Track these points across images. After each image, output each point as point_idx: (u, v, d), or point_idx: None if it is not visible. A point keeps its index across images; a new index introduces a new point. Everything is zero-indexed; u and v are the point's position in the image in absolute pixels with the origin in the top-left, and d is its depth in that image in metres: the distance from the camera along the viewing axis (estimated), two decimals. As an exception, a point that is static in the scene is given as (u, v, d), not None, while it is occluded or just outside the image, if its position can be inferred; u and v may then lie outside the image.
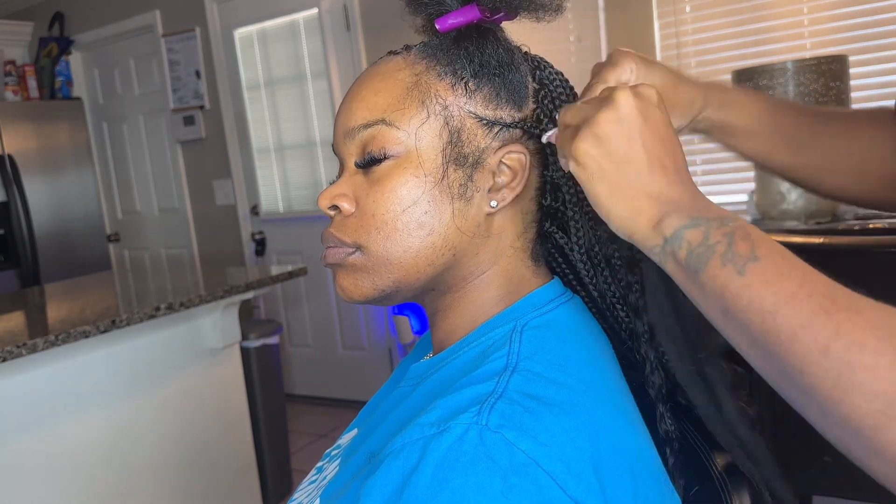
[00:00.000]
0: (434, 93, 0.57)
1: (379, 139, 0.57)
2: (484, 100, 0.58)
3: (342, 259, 0.59)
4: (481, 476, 0.45)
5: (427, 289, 0.60)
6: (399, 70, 0.59)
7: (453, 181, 0.57)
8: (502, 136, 0.58)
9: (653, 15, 2.66)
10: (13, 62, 4.09)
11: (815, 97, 1.93)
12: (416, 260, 0.57)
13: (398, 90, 0.58)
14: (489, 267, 0.60)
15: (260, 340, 2.41)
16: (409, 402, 0.59)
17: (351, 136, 0.59)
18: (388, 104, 0.57)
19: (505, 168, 0.58)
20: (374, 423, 0.64)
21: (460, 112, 0.57)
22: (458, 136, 0.57)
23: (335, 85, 3.26)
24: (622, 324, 0.63)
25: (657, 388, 0.60)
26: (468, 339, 0.60)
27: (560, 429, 0.48)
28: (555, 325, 0.57)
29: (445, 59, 0.58)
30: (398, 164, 0.57)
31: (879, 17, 2.30)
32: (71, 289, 2.49)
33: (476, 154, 0.58)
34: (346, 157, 0.60)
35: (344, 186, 0.59)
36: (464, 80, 0.58)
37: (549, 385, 0.51)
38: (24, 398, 1.70)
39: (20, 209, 3.74)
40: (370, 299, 0.60)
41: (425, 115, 0.57)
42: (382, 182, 0.57)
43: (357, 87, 0.60)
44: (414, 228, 0.57)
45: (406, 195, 0.57)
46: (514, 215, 0.60)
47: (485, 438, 0.47)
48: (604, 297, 0.63)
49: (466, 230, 0.58)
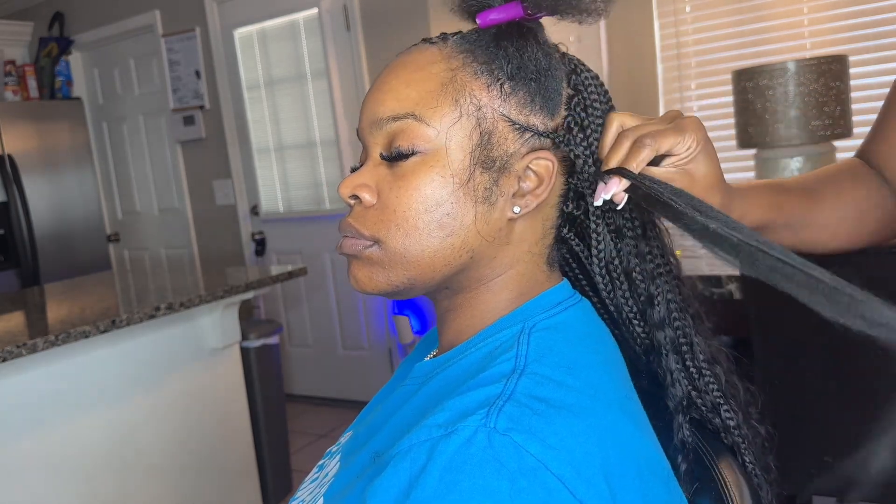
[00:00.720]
0: (469, 91, 0.56)
1: (408, 133, 0.56)
2: (518, 104, 0.57)
3: (359, 251, 0.58)
4: (489, 479, 0.45)
5: (441, 287, 0.60)
6: (434, 62, 0.57)
7: (479, 184, 0.56)
8: (532, 143, 0.57)
9: (653, 15, 2.66)
10: (13, 62, 4.09)
11: (815, 97, 1.93)
12: (433, 260, 0.56)
13: (432, 84, 0.56)
14: (505, 270, 0.59)
15: (260, 340, 2.41)
16: (415, 401, 0.59)
17: (378, 126, 0.57)
18: (420, 98, 0.56)
19: (531, 174, 0.57)
20: (378, 422, 0.63)
21: (493, 114, 0.56)
22: (488, 138, 0.56)
23: (335, 85, 3.26)
24: (637, 338, 0.62)
25: (678, 400, 0.60)
26: (475, 339, 0.59)
27: (569, 432, 0.48)
28: (563, 328, 0.57)
29: (483, 57, 0.57)
30: (425, 162, 0.56)
31: (879, 17, 2.31)
32: (71, 289, 2.49)
33: (504, 158, 0.56)
34: (372, 146, 0.59)
35: (367, 176, 0.58)
36: (500, 81, 0.56)
37: (558, 388, 0.51)
38: (24, 398, 1.70)
39: (20, 209, 3.73)
40: (383, 293, 0.59)
41: (458, 114, 0.55)
42: (407, 178, 0.56)
43: (388, 75, 0.59)
44: (434, 229, 0.56)
45: (430, 195, 0.55)
46: (535, 221, 0.59)
47: (493, 441, 0.46)
48: (620, 311, 0.62)
49: (487, 234, 0.57)
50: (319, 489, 0.64)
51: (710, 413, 0.62)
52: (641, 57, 2.71)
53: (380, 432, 0.60)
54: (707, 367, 0.61)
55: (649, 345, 0.61)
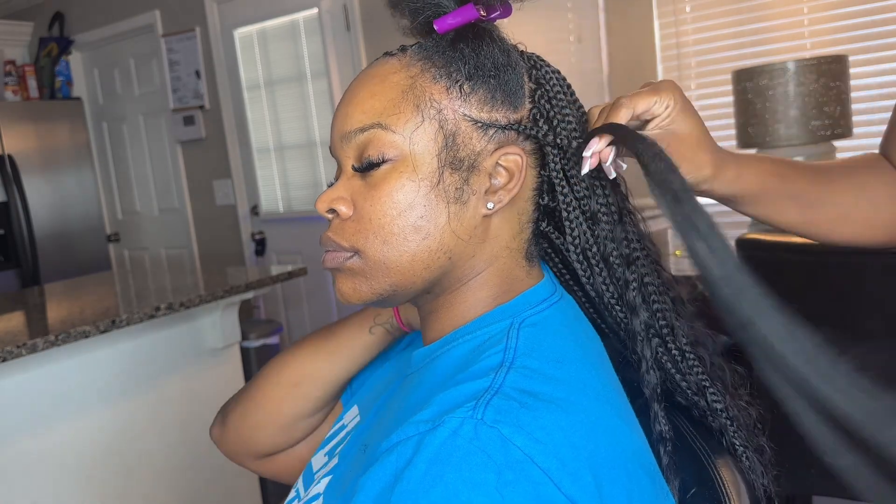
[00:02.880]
0: (429, 96, 0.57)
1: (375, 143, 0.57)
2: (479, 102, 0.58)
3: (340, 263, 0.59)
4: (475, 471, 0.45)
5: (423, 292, 0.60)
6: (394, 72, 0.58)
7: (449, 185, 0.57)
8: (498, 138, 0.58)
9: (653, 15, 2.66)
10: (13, 62, 4.09)
11: (815, 97, 1.93)
12: (412, 263, 0.57)
13: (393, 93, 0.57)
14: (484, 268, 0.60)
15: (260, 340, 2.41)
16: (407, 395, 0.59)
17: (347, 140, 0.59)
18: (383, 107, 0.57)
19: (501, 170, 0.58)
20: (377, 416, 0.64)
21: (455, 115, 0.57)
22: (453, 139, 0.57)
23: (335, 85, 3.26)
24: (620, 323, 0.63)
25: (652, 387, 0.60)
26: (460, 331, 0.59)
27: (556, 426, 0.48)
28: (550, 323, 0.58)
29: (441, 62, 0.58)
30: (394, 169, 0.57)
31: (879, 17, 2.30)
32: (71, 289, 2.49)
33: (472, 157, 0.57)
34: (344, 160, 0.60)
35: (341, 190, 0.59)
36: (458, 82, 0.57)
37: (546, 381, 0.51)
38: (24, 398, 1.70)
39: (20, 209, 3.73)
40: (368, 303, 0.60)
41: (420, 118, 0.57)
42: (379, 186, 0.57)
43: (353, 90, 0.60)
44: (410, 232, 0.57)
45: (402, 199, 0.56)
46: (510, 216, 0.60)
47: (480, 433, 0.46)
48: (601, 297, 0.63)
49: (462, 233, 0.58)
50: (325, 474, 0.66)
51: (696, 396, 0.62)
52: (641, 57, 2.71)
53: (377, 427, 0.61)
54: (690, 350, 0.62)
55: (630, 329, 0.62)
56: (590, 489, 0.47)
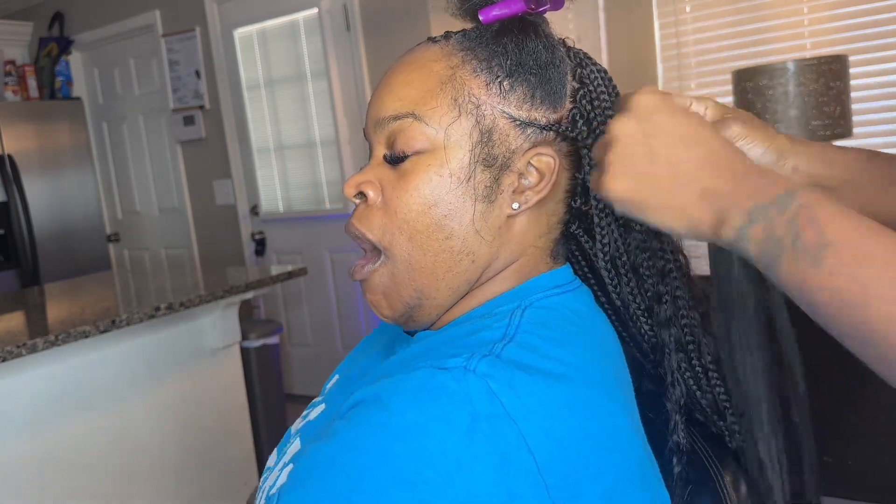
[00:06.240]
0: (468, 90, 0.55)
1: (407, 133, 0.56)
2: (518, 100, 0.56)
3: (367, 274, 0.58)
4: (453, 410, 0.45)
5: (448, 307, 0.59)
6: (434, 61, 0.57)
7: (479, 182, 0.55)
8: (534, 137, 0.56)
9: (653, 15, 2.66)
10: (13, 62, 4.09)
11: (815, 97, 1.93)
12: (434, 265, 0.56)
13: (431, 83, 0.56)
14: (506, 265, 0.59)
15: (260, 340, 2.41)
16: (403, 355, 0.58)
17: (381, 126, 0.57)
18: (419, 97, 0.56)
19: (532, 170, 0.57)
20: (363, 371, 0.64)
21: (493, 112, 0.56)
22: (489, 136, 0.55)
23: (335, 85, 3.26)
24: (644, 335, 0.61)
25: (675, 400, 0.59)
26: (472, 313, 0.59)
27: (549, 398, 0.48)
28: (559, 308, 0.56)
29: (483, 54, 0.56)
30: (424, 161, 0.55)
31: (879, 17, 2.30)
32: (71, 289, 2.49)
33: (506, 155, 0.56)
34: (376, 145, 0.59)
35: (370, 174, 0.58)
36: (499, 78, 0.56)
37: (543, 359, 0.50)
38: (24, 398, 1.70)
39: (20, 209, 3.73)
40: (398, 315, 0.59)
41: (457, 112, 0.55)
42: (407, 177, 0.56)
43: (390, 75, 0.59)
44: (434, 230, 0.55)
45: (429, 194, 0.55)
46: (538, 217, 0.58)
47: (468, 379, 0.47)
48: (627, 307, 0.61)
49: (485, 233, 0.56)
50: (296, 434, 0.65)
51: (715, 415, 0.61)
52: (641, 57, 2.70)
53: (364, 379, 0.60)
54: (714, 368, 0.61)
55: (656, 343, 0.60)
56: (569, 468, 0.47)
